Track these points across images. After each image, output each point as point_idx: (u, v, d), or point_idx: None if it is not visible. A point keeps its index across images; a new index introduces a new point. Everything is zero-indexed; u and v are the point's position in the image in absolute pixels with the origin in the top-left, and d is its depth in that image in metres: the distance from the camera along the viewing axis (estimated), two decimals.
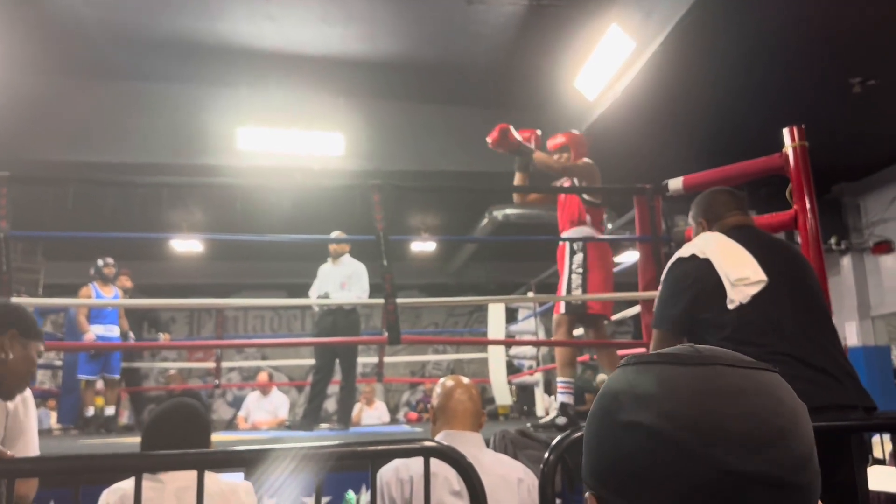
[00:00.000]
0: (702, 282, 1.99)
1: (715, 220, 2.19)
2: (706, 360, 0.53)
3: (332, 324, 5.28)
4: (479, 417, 2.06)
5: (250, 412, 7.42)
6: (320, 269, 5.65)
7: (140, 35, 6.47)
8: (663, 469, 0.49)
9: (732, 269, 1.97)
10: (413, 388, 12.51)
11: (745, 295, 1.93)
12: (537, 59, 6.74)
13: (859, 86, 5.91)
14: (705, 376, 0.52)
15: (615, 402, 0.55)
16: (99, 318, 6.23)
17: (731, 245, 2.03)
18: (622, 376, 0.56)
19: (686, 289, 2.02)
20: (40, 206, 6.31)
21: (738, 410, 0.50)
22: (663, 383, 0.52)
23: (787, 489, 0.48)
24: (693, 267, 2.02)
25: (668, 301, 2.08)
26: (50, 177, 5.64)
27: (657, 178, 4.09)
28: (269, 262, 11.45)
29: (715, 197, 2.26)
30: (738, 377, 0.52)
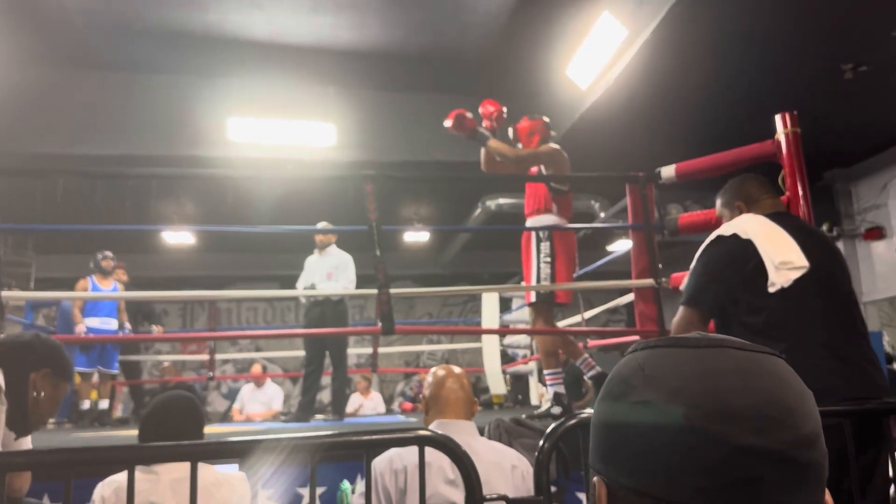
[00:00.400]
0: (743, 262, 1.96)
1: (752, 203, 2.17)
2: (714, 342, 0.54)
3: (321, 315, 5.28)
4: (472, 406, 2.06)
5: (245, 404, 7.41)
6: (307, 261, 5.65)
7: (129, 26, 6.41)
8: (673, 447, 0.49)
9: (776, 252, 1.95)
10: (408, 379, 12.53)
11: (787, 279, 1.91)
12: (529, 48, 6.72)
13: (851, 72, 5.91)
14: (714, 357, 0.52)
15: (624, 384, 0.55)
16: (94, 311, 6.20)
17: (774, 228, 2.01)
18: (631, 361, 0.56)
19: (725, 268, 1.99)
20: (30, 199, 6.27)
21: (747, 389, 0.50)
22: (672, 364, 0.53)
23: (796, 466, 0.49)
24: (735, 246, 1.99)
25: (704, 280, 2.03)
26: (37, 169, 5.58)
27: (650, 166, 4.08)
28: (262, 253, 11.43)
29: (749, 182, 2.24)
30: (746, 359, 0.52)
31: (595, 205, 8.84)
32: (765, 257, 1.95)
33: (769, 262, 1.94)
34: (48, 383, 1.87)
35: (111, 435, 4.48)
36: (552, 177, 4.04)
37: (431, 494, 1.76)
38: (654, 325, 3.92)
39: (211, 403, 11.66)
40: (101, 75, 7.09)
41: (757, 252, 1.95)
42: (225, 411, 10.93)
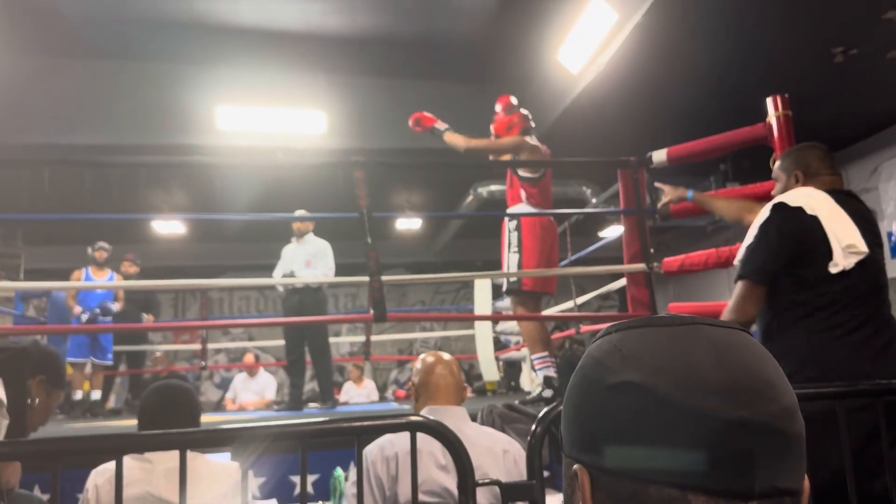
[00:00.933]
0: (808, 237, 1.94)
1: (812, 176, 2.14)
2: (686, 321, 0.53)
3: (299, 303, 5.26)
4: (462, 392, 2.05)
5: (237, 393, 7.40)
6: (284, 249, 5.63)
7: (116, 14, 6.34)
8: (658, 427, 0.48)
9: (843, 233, 1.95)
10: (401, 366, 12.54)
11: (850, 262, 1.92)
12: (520, 33, 6.68)
13: (841, 55, 5.90)
14: (689, 335, 0.52)
15: (600, 367, 0.54)
16: (86, 302, 6.16)
17: (837, 208, 2.00)
18: (605, 344, 0.55)
19: (790, 240, 1.96)
20: (16, 190, 6.22)
21: (726, 364, 0.49)
22: (649, 344, 0.52)
23: (783, 436, 0.48)
24: (802, 220, 1.96)
25: (768, 250, 1.97)
26: (23, 160, 5.54)
27: (641, 151, 4.07)
28: (253, 242, 11.37)
29: (812, 152, 2.21)
30: (721, 334, 0.52)
31: (587, 190, 8.83)
32: (831, 237, 1.95)
33: (836, 243, 1.94)
34: (42, 391, 1.85)
35: (103, 425, 4.47)
36: (543, 162, 4.02)
37: (424, 480, 1.75)
38: (646, 309, 3.92)
39: (204, 393, 11.65)
40: (87, 64, 7.01)
41: (823, 230, 1.95)
42: (218, 401, 10.93)
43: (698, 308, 3.88)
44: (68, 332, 6.09)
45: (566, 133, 7.34)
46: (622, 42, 5.58)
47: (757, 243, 2.01)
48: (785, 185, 2.21)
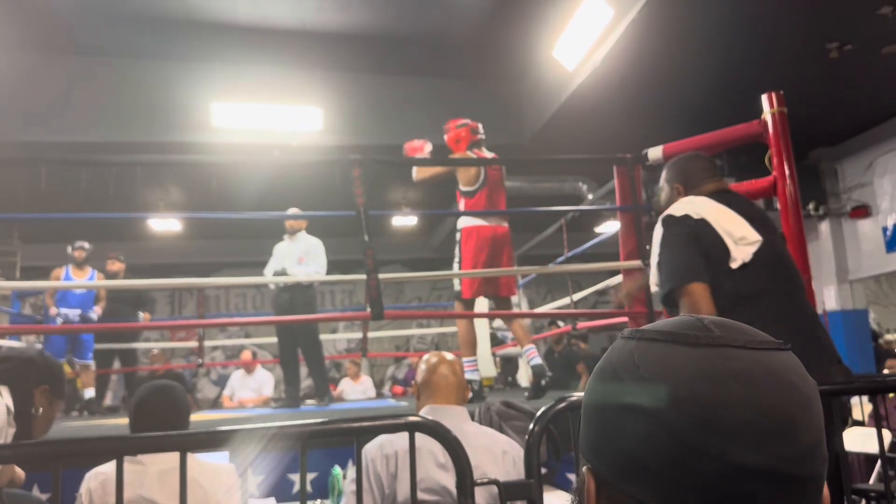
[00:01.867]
0: (703, 238, 1.96)
1: (692, 187, 2.17)
2: (715, 341, 0.49)
3: (290, 301, 5.26)
4: (464, 391, 2.06)
5: (235, 390, 7.41)
6: (276, 247, 5.63)
7: (112, 11, 6.32)
8: (662, 457, 0.47)
9: (732, 227, 1.97)
10: (398, 363, 12.55)
11: (746, 253, 1.95)
12: (515, 29, 6.68)
13: (836, 51, 5.92)
14: (712, 360, 0.48)
15: (617, 379, 0.51)
16: (64, 301, 6.14)
17: (720, 207, 2.03)
18: (625, 352, 0.53)
19: (693, 242, 1.97)
20: (13, 187, 6.20)
21: (746, 398, 0.46)
22: (668, 366, 0.49)
23: (790, 483, 0.46)
24: (691, 225, 1.98)
25: (685, 254, 1.96)
26: (19, 158, 5.52)
27: (637, 148, 4.08)
28: (249, 239, 11.35)
29: (691, 163, 2.24)
30: (749, 361, 0.48)
31: (582, 186, 8.84)
32: (722, 234, 1.97)
33: (728, 238, 1.96)
34: (46, 400, 1.86)
35: (101, 424, 4.47)
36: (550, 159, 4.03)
37: (422, 478, 1.76)
38: (642, 306, 3.94)
39: (201, 390, 11.65)
40: (83, 61, 6.99)
41: (713, 229, 1.97)
42: (215, 398, 10.93)
43: None
44: (63, 331, 6.09)
45: (562, 129, 7.35)
46: (618, 38, 5.58)
47: (667, 255, 2.01)
48: (669, 199, 2.23)
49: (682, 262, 1.96)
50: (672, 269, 1.98)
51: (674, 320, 0.54)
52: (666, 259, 2.01)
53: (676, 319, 0.53)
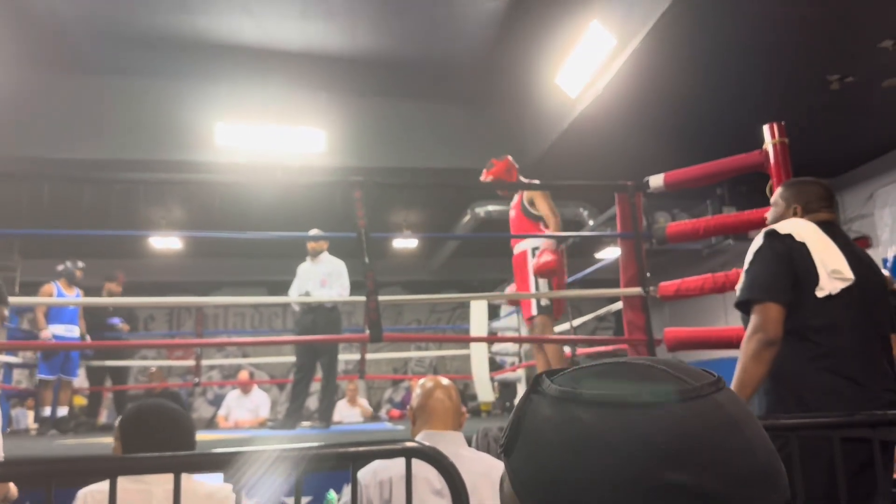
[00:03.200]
0: (797, 261, 1.99)
1: (810, 211, 2.19)
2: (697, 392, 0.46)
3: (313, 322, 5.26)
4: (460, 416, 2.05)
5: (231, 411, 7.36)
6: (300, 268, 5.61)
7: (118, 30, 6.39)
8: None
9: (829, 259, 2.00)
10: (395, 386, 12.49)
11: (835, 287, 1.96)
12: (519, 56, 6.74)
13: (837, 83, 5.96)
14: (709, 412, 0.45)
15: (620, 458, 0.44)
16: (59, 318, 6.13)
17: (825, 237, 2.05)
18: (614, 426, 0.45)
19: (789, 261, 1.99)
20: (17, 202, 6.22)
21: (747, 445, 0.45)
22: (676, 432, 0.44)
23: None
24: (792, 245, 2.01)
25: (774, 272, 1.99)
26: (23, 173, 5.54)
27: (638, 175, 4.10)
28: (250, 258, 11.38)
29: (814, 189, 2.26)
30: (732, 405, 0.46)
31: (583, 212, 8.86)
32: (818, 262, 1.99)
33: (822, 268, 1.98)
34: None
35: (95, 442, 4.43)
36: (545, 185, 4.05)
37: None
38: (641, 333, 3.92)
39: (197, 410, 11.57)
40: (90, 79, 7.05)
41: (810, 255, 2.00)
42: (210, 418, 10.86)
43: (694, 333, 3.89)
44: (62, 347, 6.06)
45: (564, 155, 7.38)
46: (620, 67, 5.63)
47: (758, 267, 2.04)
48: (781, 215, 2.26)
49: (769, 278, 2.00)
50: (757, 281, 2.02)
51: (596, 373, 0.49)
52: (755, 270, 2.04)
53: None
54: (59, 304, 6.16)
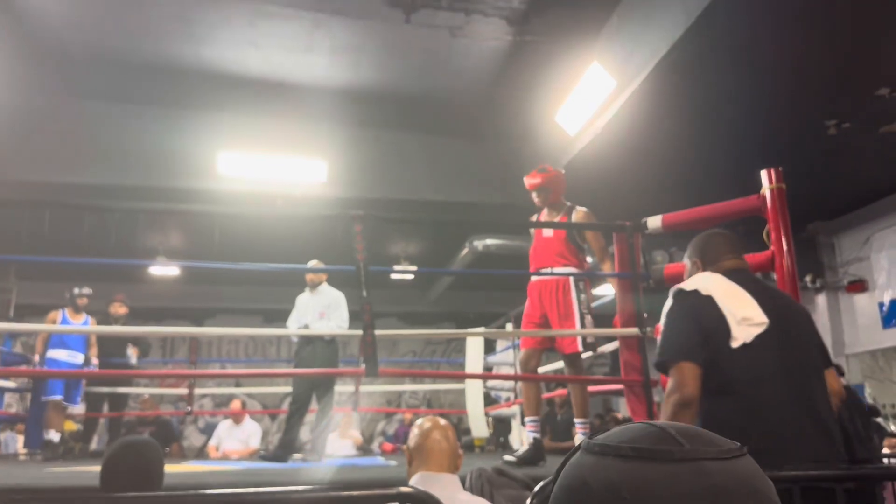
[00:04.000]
0: (706, 316, 1.97)
1: (710, 262, 2.20)
2: (688, 454, 0.51)
3: (312, 354, 5.25)
4: (456, 459, 2.04)
5: (222, 441, 7.28)
6: (298, 299, 5.61)
7: (124, 57, 6.46)
8: None
9: (737, 307, 1.97)
10: (388, 418, 12.40)
11: (749, 335, 1.93)
12: (519, 94, 6.82)
13: (834, 128, 6.04)
14: (689, 476, 0.50)
15: (596, 501, 0.51)
16: (63, 344, 6.11)
17: (732, 285, 2.04)
18: (599, 469, 0.52)
19: (698, 319, 1.98)
20: (17, 226, 6.22)
21: None
22: (649, 486, 0.50)
23: None
24: (698, 301, 2.00)
25: (684, 331, 1.99)
26: (25, 200, 5.57)
27: (636, 215, 4.12)
28: (246, 286, 11.36)
29: (711, 239, 2.28)
30: (722, 474, 0.50)
31: None
32: (727, 313, 1.97)
33: (731, 318, 1.96)
34: None
35: (85, 471, 4.38)
36: (539, 223, 4.07)
37: None
38: (637, 374, 3.92)
39: (188, 438, 11.46)
40: (93, 105, 7.11)
41: (718, 307, 1.98)
42: (201, 447, 10.74)
43: None
44: (52, 375, 6.04)
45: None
46: (619, 108, 5.70)
47: (668, 328, 2.04)
48: (689, 273, 2.27)
49: (680, 337, 1.99)
50: (669, 342, 2.01)
51: (643, 431, 0.54)
52: (666, 331, 2.05)
53: (646, 431, 0.54)
54: (57, 331, 6.14)
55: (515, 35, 6.00)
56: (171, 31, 6.07)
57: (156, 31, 6.07)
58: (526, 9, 5.72)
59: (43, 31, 5.99)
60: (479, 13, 5.78)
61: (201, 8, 5.76)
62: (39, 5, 5.70)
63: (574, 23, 5.80)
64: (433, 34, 6.00)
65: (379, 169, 7.75)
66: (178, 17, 5.88)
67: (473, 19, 5.84)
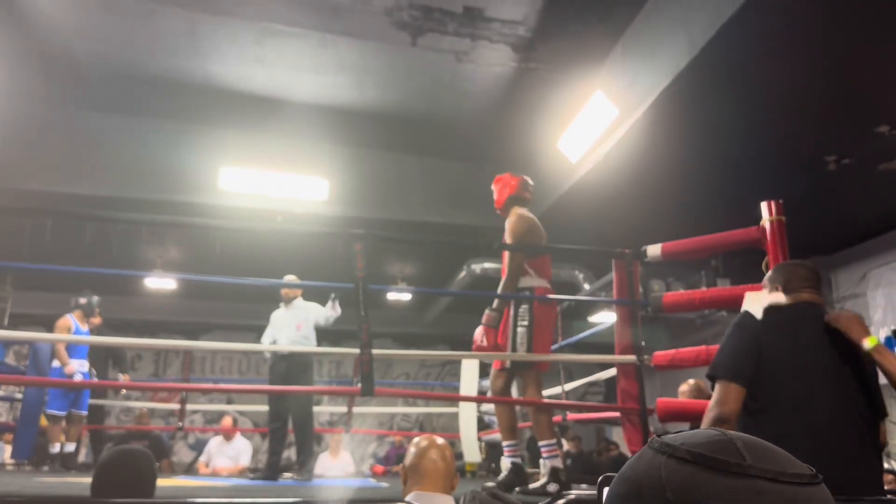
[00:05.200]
0: (763, 344, 2.07)
1: (791, 291, 2.27)
2: (746, 470, 0.48)
3: (286, 369, 5.20)
4: (452, 479, 2.03)
5: (212, 457, 7.22)
6: (273, 315, 5.60)
7: (130, 71, 6.50)
8: None
9: None
10: (380, 440, 12.30)
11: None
12: (522, 119, 6.88)
13: (834, 164, 6.08)
14: (741, 493, 0.47)
15: (640, 497, 0.50)
16: (75, 353, 6.08)
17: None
18: (652, 466, 0.51)
19: (750, 342, 2.09)
20: (18, 234, 6.22)
21: None
22: (694, 494, 0.48)
23: None
24: (757, 324, 2.11)
25: (737, 351, 2.09)
26: (28, 208, 5.56)
27: (635, 242, 4.14)
28: (241, 302, 11.31)
29: (797, 270, 2.35)
30: (778, 497, 0.47)
31: (579, 275, 8.90)
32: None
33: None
34: None
35: (74, 482, 4.34)
36: (542, 247, 4.07)
37: None
38: (634, 402, 3.90)
39: (177, 454, 11.34)
40: (98, 116, 7.14)
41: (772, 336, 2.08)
42: (190, 462, 10.64)
43: (685, 405, 3.87)
44: (47, 384, 5.99)
45: (561, 218, 7.44)
46: (621, 137, 5.74)
47: (727, 343, 2.14)
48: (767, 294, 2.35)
49: (732, 358, 2.08)
50: (722, 359, 2.12)
51: (708, 437, 0.52)
52: (723, 346, 2.15)
53: (711, 437, 0.52)
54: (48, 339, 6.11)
55: (520, 62, 6.06)
56: (178, 46, 6.12)
57: (164, 45, 6.12)
58: (531, 36, 5.78)
59: (52, 41, 6.03)
60: (485, 39, 5.84)
61: (210, 24, 5.82)
62: (49, 16, 5.75)
63: (578, 51, 5.86)
64: (439, 58, 6.06)
65: (380, 189, 7.78)
66: (186, 32, 5.93)
67: (479, 45, 5.90)
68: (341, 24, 5.73)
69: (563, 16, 5.56)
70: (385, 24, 5.68)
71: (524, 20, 5.64)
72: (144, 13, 5.72)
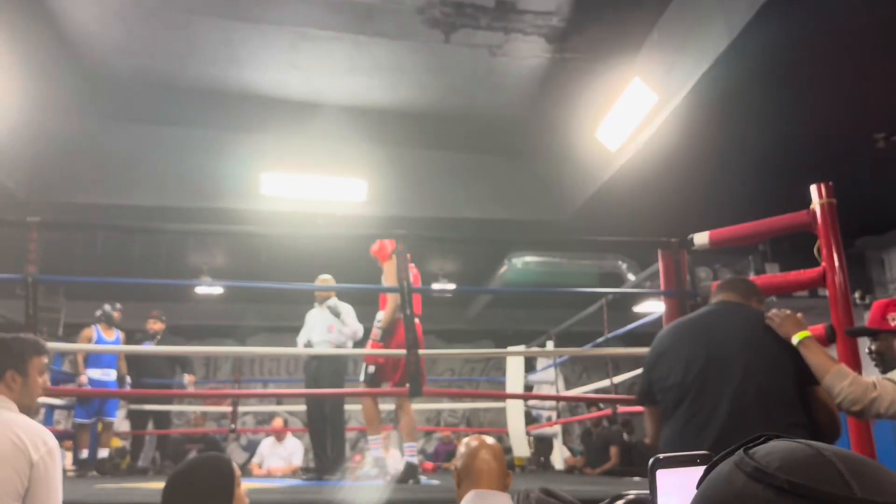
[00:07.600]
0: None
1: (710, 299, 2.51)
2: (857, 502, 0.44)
3: (318, 368, 5.23)
4: (505, 478, 2.02)
5: (264, 458, 7.34)
6: (308, 314, 5.64)
7: (170, 82, 6.63)
8: None
9: None
10: (428, 437, 12.35)
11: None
12: (559, 111, 6.81)
13: (883, 141, 5.90)
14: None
15: None
16: (97, 362, 6.22)
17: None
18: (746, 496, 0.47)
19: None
20: (70, 247, 6.40)
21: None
22: None
23: None
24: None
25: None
26: (78, 223, 5.71)
27: (678, 231, 4.06)
28: (287, 304, 11.45)
29: (720, 284, 2.58)
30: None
31: (622, 265, 8.81)
32: None
33: None
34: (18, 378, 2.03)
35: (135, 487, 4.45)
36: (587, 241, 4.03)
37: None
38: None
39: (230, 455, 11.57)
40: (141, 128, 7.30)
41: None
42: (243, 464, 10.83)
43: None
44: (106, 395, 6.15)
45: (603, 207, 7.39)
46: (661, 123, 5.66)
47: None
48: None
49: (640, 385, 2.44)
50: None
51: (804, 456, 0.48)
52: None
53: (807, 456, 0.48)
54: (99, 350, 6.27)
55: (555, 53, 6.01)
56: (215, 55, 6.22)
57: (201, 55, 6.23)
58: (565, 27, 5.73)
59: (93, 56, 6.19)
60: (519, 32, 5.80)
61: (245, 32, 5.89)
62: (90, 32, 5.90)
63: (614, 39, 5.79)
64: (472, 53, 6.04)
65: (418, 187, 7.80)
66: (222, 41, 6.02)
67: (512, 38, 5.87)
68: (374, 25, 5.75)
69: (597, 4, 5.50)
70: (417, 23, 5.68)
71: (557, 10, 5.59)
72: (181, 24, 5.83)
